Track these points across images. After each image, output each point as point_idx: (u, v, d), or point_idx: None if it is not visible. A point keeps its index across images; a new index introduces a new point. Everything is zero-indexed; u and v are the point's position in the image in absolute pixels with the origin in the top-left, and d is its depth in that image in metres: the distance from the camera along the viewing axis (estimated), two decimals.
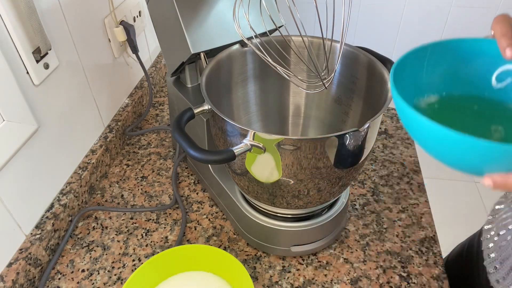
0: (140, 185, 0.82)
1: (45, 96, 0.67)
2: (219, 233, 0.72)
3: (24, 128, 0.62)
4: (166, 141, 0.94)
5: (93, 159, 0.80)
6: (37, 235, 0.65)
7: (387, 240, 0.70)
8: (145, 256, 0.69)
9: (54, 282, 0.65)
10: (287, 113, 0.77)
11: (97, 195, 0.80)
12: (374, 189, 0.80)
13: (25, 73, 0.62)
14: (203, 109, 0.56)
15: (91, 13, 0.80)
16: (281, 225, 0.64)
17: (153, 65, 1.12)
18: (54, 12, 0.68)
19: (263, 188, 0.58)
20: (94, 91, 0.83)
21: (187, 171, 0.85)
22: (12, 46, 0.59)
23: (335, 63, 0.65)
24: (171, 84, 0.77)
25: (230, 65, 0.67)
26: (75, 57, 0.75)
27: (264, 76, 0.71)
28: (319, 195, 0.58)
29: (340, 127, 0.70)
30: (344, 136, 0.50)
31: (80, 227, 0.74)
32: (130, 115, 0.96)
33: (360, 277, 0.65)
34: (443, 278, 0.64)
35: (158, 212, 0.76)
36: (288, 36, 0.66)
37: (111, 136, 0.86)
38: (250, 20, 0.54)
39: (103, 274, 0.66)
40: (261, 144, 0.50)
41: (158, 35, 0.72)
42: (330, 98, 0.71)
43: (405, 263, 0.66)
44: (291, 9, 0.51)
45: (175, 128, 0.52)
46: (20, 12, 0.58)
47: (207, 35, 0.65)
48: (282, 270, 0.66)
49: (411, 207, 0.76)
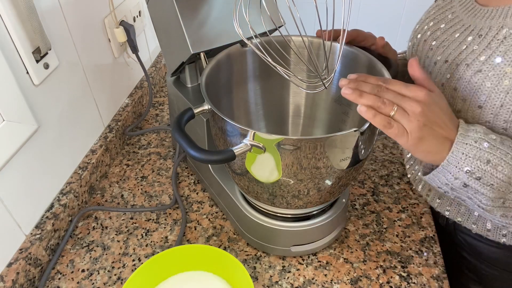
0: (140, 185, 0.82)
1: (45, 96, 0.67)
2: (219, 233, 0.72)
3: (24, 128, 0.62)
4: (166, 141, 0.94)
5: (93, 159, 0.80)
6: (37, 235, 0.65)
7: (387, 240, 0.70)
8: (145, 256, 0.69)
9: (54, 282, 0.65)
10: (287, 113, 0.77)
11: (97, 195, 0.80)
12: (374, 189, 0.80)
13: (25, 73, 0.62)
14: (203, 109, 0.55)
15: (91, 13, 0.80)
16: (281, 225, 0.64)
17: (153, 65, 1.12)
18: (54, 12, 0.68)
19: (263, 188, 0.58)
20: (94, 91, 0.83)
21: (187, 171, 0.85)
22: (12, 46, 0.59)
23: (335, 63, 0.65)
24: (171, 84, 0.77)
25: (230, 65, 0.67)
26: (75, 57, 0.75)
27: (264, 76, 0.71)
28: (319, 195, 0.58)
29: (340, 127, 0.70)
30: (344, 136, 0.50)
31: (80, 227, 0.74)
32: (130, 115, 0.96)
33: (360, 277, 0.65)
34: (443, 278, 0.64)
35: (158, 212, 0.76)
36: (288, 36, 0.66)
37: (111, 136, 0.86)
38: (250, 20, 0.54)
39: (103, 274, 0.66)
40: (261, 144, 0.50)
41: (158, 35, 0.72)
42: (330, 98, 0.71)
43: (405, 263, 0.66)
44: (291, 9, 0.51)
45: (175, 128, 0.52)
46: (20, 12, 0.58)
47: (207, 35, 0.65)
48: (282, 270, 0.66)
49: (411, 207, 0.76)
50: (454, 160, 0.47)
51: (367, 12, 1.73)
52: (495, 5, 0.53)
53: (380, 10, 1.72)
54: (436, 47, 0.60)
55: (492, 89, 0.51)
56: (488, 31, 0.53)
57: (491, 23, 0.53)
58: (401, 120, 0.46)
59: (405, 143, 0.47)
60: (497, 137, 0.48)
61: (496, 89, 0.50)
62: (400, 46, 0.74)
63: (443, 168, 0.48)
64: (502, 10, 0.52)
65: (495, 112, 0.51)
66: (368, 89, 0.48)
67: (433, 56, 0.61)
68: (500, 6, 0.52)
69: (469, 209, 0.62)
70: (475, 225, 0.63)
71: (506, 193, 0.48)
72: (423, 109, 0.45)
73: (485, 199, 0.49)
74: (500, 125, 0.52)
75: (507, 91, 0.50)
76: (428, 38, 0.63)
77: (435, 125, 0.47)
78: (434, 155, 0.48)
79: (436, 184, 0.52)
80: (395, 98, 0.47)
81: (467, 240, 0.70)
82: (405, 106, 0.46)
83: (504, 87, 0.50)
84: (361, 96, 0.47)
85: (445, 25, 0.60)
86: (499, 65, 0.50)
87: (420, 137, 0.46)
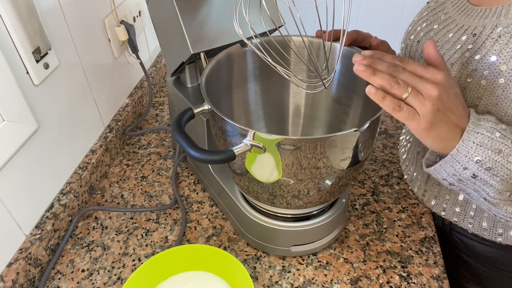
0: (140, 185, 0.82)
1: (45, 96, 0.67)
2: (219, 233, 0.72)
3: (24, 128, 0.62)
4: (166, 141, 0.94)
5: (93, 159, 0.80)
6: (37, 235, 0.65)
7: (387, 240, 0.70)
8: (145, 256, 0.69)
9: (54, 282, 0.65)
10: (287, 113, 0.77)
11: (97, 195, 0.80)
12: (374, 189, 0.80)
13: (25, 73, 0.62)
14: (203, 109, 0.55)
15: (91, 13, 0.80)
16: (281, 225, 0.64)
17: (153, 65, 1.12)
18: (54, 12, 0.68)
19: (263, 188, 0.58)
20: (94, 91, 0.83)
21: (187, 171, 0.85)
22: (12, 46, 0.59)
23: (335, 63, 0.65)
24: (171, 84, 0.77)
25: (230, 65, 0.67)
26: (75, 57, 0.75)
27: (264, 76, 0.71)
28: (319, 195, 0.58)
29: (340, 127, 0.70)
30: (344, 136, 0.50)
31: (80, 227, 0.74)
32: (130, 115, 0.96)
33: (360, 277, 0.65)
34: (443, 278, 0.64)
35: (158, 212, 0.76)
36: (288, 36, 0.66)
37: (111, 136, 0.86)
38: (250, 20, 0.54)
39: (103, 274, 0.66)
40: (261, 144, 0.50)
41: (158, 35, 0.72)
42: (330, 98, 0.71)
43: (405, 263, 0.66)
44: (291, 9, 0.51)
45: (175, 128, 0.52)
46: (20, 12, 0.58)
47: (207, 35, 0.65)
48: (282, 270, 0.66)
49: (411, 207, 0.76)
50: (464, 149, 0.45)
51: (367, 12, 1.73)
52: (488, 5, 0.53)
53: (380, 10, 1.72)
54: None
55: (487, 87, 0.51)
56: (482, 30, 0.52)
57: (485, 22, 0.53)
58: (414, 102, 0.44)
59: (416, 127, 0.45)
60: (507, 127, 0.47)
61: (491, 87, 0.50)
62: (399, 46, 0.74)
63: (452, 158, 0.46)
64: (496, 9, 0.52)
65: (490, 111, 0.51)
66: (384, 68, 0.45)
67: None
68: (494, 6, 0.52)
69: (465, 209, 0.62)
70: (471, 224, 0.63)
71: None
72: (440, 92, 0.43)
73: (492, 192, 0.47)
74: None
75: (502, 89, 0.50)
76: (421, 39, 0.63)
77: (449, 111, 0.45)
78: (444, 142, 0.46)
79: (441, 175, 0.49)
80: (411, 79, 0.44)
81: (463, 240, 0.70)
82: (420, 88, 0.44)
83: (499, 85, 0.50)
84: (374, 74, 0.44)
85: (438, 26, 0.60)
86: (494, 64, 0.50)
87: (432, 121, 0.44)
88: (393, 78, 0.44)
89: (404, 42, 0.68)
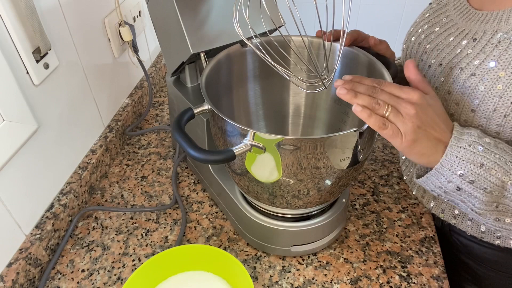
0: (140, 185, 0.82)
1: (45, 96, 0.67)
2: (219, 233, 0.72)
3: (24, 128, 0.62)
4: (166, 141, 0.94)
5: (93, 159, 0.80)
6: (37, 235, 0.65)
7: (387, 240, 0.70)
8: (145, 256, 0.69)
9: (54, 282, 0.65)
10: (287, 113, 0.77)
11: (97, 195, 0.80)
12: (374, 189, 0.80)
13: (25, 73, 0.62)
14: (203, 109, 0.55)
15: (91, 13, 0.80)
16: (281, 225, 0.64)
17: (153, 65, 1.12)
18: (54, 12, 0.68)
19: (263, 188, 0.58)
20: (94, 91, 0.83)
21: (187, 171, 0.85)
22: (12, 46, 0.59)
23: (335, 63, 0.65)
24: (171, 84, 0.77)
25: (230, 65, 0.67)
26: (75, 57, 0.75)
27: (264, 76, 0.71)
28: (319, 195, 0.58)
29: (340, 127, 0.70)
30: (344, 136, 0.50)
31: (80, 227, 0.74)
32: (130, 115, 0.96)
33: (360, 277, 0.65)
34: (443, 278, 0.64)
35: (158, 212, 0.76)
36: (288, 36, 0.66)
37: (111, 136, 0.86)
38: (250, 20, 0.54)
39: (103, 274, 0.66)
40: (261, 144, 0.50)
41: (158, 35, 0.72)
42: (330, 98, 0.71)
43: (405, 263, 0.66)
44: (291, 9, 0.51)
45: (175, 128, 0.52)
46: (20, 12, 0.58)
47: (207, 35, 0.65)
48: (282, 270, 0.66)
49: (411, 207, 0.76)
50: (448, 163, 0.47)
51: (367, 12, 1.73)
52: (489, 9, 0.54)
53: (380, 10, 1.72)
54: (430, 50, 0.60)
55: (485, 93, 0.51)
56: (482, 35, 0.53)
57: (485, 27, 0.53)
58: (396, 121, 0.46)
59: (399, 145, 0.47)
60: (491, 141, 0.48)
61: (489, 93, 0.50)
62: (400, 47, 0.74)
63: (436, 171, 0.48)
64: (497, 14, 0.52)
65: (488, 116, 0.51)
66: (363, 90, 0.48)
67: (428, 59, 0.61)
68: (495, 11, 0.52)
69: (463, 212, 0.62)
70: (469, 227, 0.63)
71: (499, 197, 0.48)
72: (417, 111, 0.45)
73: (478, 203, 0.48)
74: (493, 129, 0.52)
75: (500, 95, 0.50)
76: (422, 41, 0.63)
77: (429, 128, 0.46)
78: (427, 157, 0.48)
79: (429, 187, 0.51)
80: (390, 99, 0.47)
81: (462, 242, 0.70)
82: (399, 108, 0.46)
83: (498, 91, 0.50)
84: (355, 97, 0.47)
85: (440, 29, 0.60)
86: (493, 69, 0.50)
87: (414, 139, 0.46)
88: (373, 99, 0.47)
89: (405, 43, 0.68)
